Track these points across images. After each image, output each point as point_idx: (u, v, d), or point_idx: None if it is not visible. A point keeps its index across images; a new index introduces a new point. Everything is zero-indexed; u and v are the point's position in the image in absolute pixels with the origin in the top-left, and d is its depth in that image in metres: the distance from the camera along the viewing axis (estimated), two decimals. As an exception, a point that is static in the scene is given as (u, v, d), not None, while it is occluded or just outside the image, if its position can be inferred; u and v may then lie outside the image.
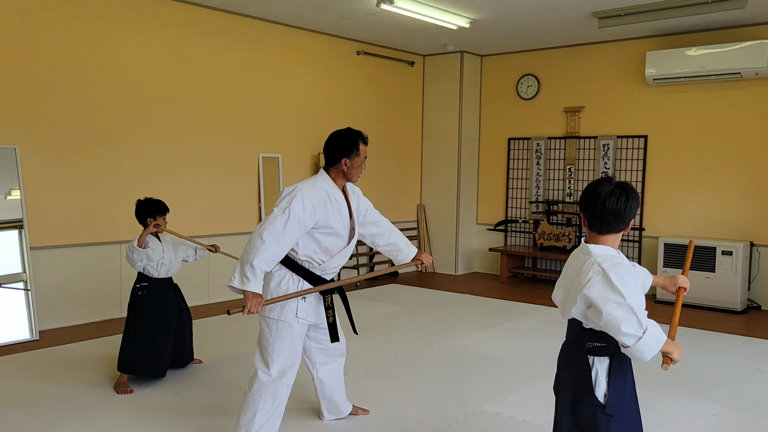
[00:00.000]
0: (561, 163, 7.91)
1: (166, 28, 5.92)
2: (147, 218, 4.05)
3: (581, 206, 2.21)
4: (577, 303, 2.09)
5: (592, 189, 2.15)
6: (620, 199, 2.10)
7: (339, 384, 3.36)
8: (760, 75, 6.31)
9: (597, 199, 2.12)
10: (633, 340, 1.98)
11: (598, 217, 2.13)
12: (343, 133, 3.02)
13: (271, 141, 6.88)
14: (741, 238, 6.61)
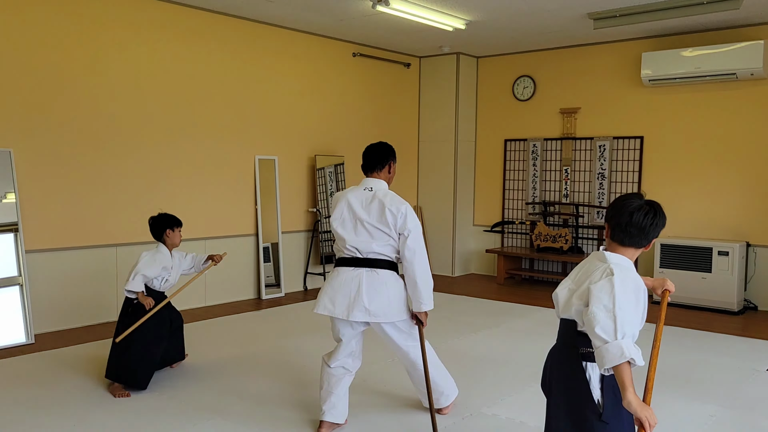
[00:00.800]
0: (557, 164, 7.91)
1: (161, 32, 5.91)
2: (166, 230, 4.10)
3: (607, 216, 2.26)
4: (577, 302, 2.11)
5: (622, 201, 2.22)
6: (647, 215, 2.18)
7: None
8: (756, 76, 6.33)
9: (624, 211, 2.18)
10: (600, 342, 2.00)
11: (622, 228, 2.19)
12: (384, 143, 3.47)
13: (267, 143, 6.87)
14: (737, 239, 6.62)
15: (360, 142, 7.88)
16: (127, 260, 5.77)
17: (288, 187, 7.09)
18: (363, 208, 3.22)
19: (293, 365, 4.48)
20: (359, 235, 3.21)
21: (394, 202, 3.20)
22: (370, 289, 3.19)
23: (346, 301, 3.20)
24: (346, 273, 3.24)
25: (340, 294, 3.22)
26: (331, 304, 3.23)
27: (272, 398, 3.83)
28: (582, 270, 2.24)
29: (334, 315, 3.24)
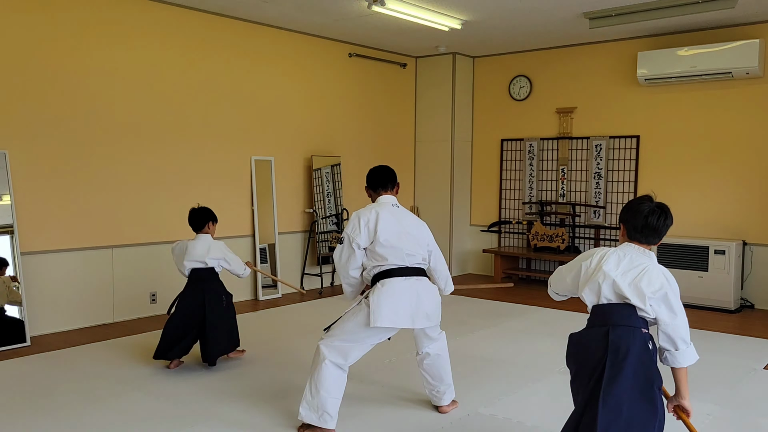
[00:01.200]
0: (554, 163, 7.92)
1: (155, 33, 5.90)
2: (209, 222, 4.51)
3: (622, 218, 2.57)
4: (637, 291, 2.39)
5: (637, 205, 2.52)
6: (660, 218, 2.49)
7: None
8: (751, 75, 6.34)
9: (639, 215, 2.49)
10: (683, 346, 2.44)
11: (639, 230, 2.50)
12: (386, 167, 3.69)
13: (263, 144, 6.86)
14: (734, 237, 6.63)
15: (356, 142, 7.89)
16: (123, 262, 5.76)
17: (284, 188, 7.08)
18: (404, 222, 3.42)
19: (290, 366, 4.47)
20: (408, 247, 3.38)
21: (410, 218, 3.52)
22: (427, 297, 3.39)
23: (410, 311, 3.31)
24: (400, 283, 3.33)
25: (402, 304, 3.29)
26: (395, 315, 3.27)
27: (269, 400, 3.82)
28: (628, 261, 2.48)
29: (399, 326, 3.31)
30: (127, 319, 5.81)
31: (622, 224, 2.57)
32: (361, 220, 3.36)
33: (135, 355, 4.68)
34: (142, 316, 5.91)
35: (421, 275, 3.44)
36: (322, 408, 3.26)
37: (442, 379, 3.61)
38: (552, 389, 4.05)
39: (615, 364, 2.39)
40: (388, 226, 3.35)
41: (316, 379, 3.27)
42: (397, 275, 3.33)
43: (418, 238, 3.44)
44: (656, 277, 2.42)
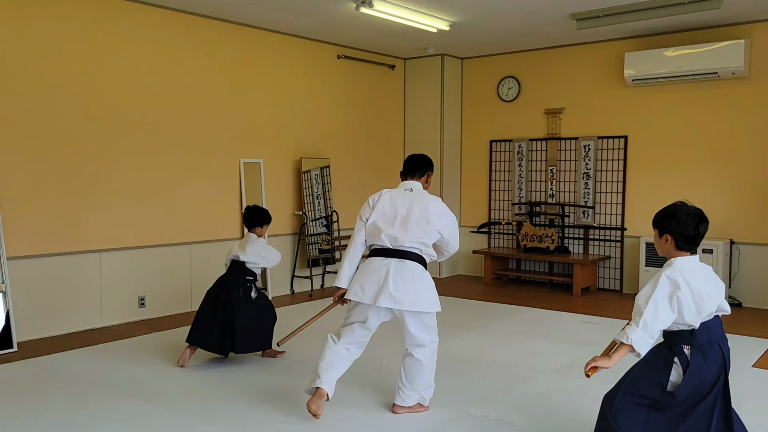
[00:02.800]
0: (543, 164, 7.94)
1: (143, 35, 5.86)
2: (264, 224, 4.73)
3: (667, 230, 2.65)
4: None
5: (684, 217, 2.59)
6: (706, 224, 2.60)
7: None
8: (737, 75, 6.39)
9: (690, 226, 2.58)
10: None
11: (691, 240, 2.60)
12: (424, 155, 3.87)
13: (251, 146, 6.84)
14: (721, 237, 6.67)
15: (345, 144, 7.89)
16: (111, 266, 5.71)
17: (274, 190, 7.06)
18: (404, 205, 3.52)
19: (280, 369, 4.45)
20: (395, 229, 3.47)
21: (440, 207, 3.57)
22: (397, 277, 3.41)
23: (375, 288, 3.41)
24: (376, 262, 3.49)
25: (369, 281, 3.44)
26: (360, 290, 3.44)
27: (259, 403, 3.80)
28: (707, 274, 2.68)
29: (363, 301, 3.43)
30: (115, 323, 5.77)
31: (667, 235, 2.62)
32: (369, 200, 3.64)
33: (124, 360, 4.65)
34: (130, 321, 5.87)
35: (408, 258, 3.47)
36: (314, 372, 3.50)
37: (413, 382, 3.58)
38: (542, 389, 4.05)
39: (726, 373, 2.56)
40: (383, 209, 3.53)
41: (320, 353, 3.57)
42: (377, 255, 3.50)
43: (420, 223, 3.47)
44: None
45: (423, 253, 3.54)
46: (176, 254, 6.21)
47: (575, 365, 4.55)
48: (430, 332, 3.58)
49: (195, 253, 6.34)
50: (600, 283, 7.59)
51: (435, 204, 3.56)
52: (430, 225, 3.48)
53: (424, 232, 3.48)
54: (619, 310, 6.43)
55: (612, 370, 2.64)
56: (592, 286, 7.51)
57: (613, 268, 7.49)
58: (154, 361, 4.62)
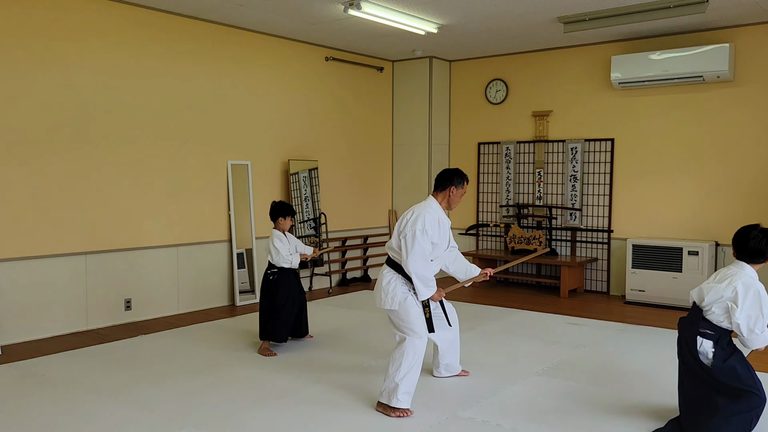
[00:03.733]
0: (530, 166, 7.97)
1: (130, 36, 5.83)
2: (278, 218, 5.01)
3: (733, 243, 3.27)
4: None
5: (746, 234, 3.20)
6: (762, 241, 3.15)
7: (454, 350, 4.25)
8: (722, 78, 6.45)
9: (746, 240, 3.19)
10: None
11: (747, 253, 3.19)
12: (454, 170, 3.93)
13: (239, 148, 6.81)
14: (706, 239, 6.73)
15: (334, 146, 7.88)
16: (97, 268, 5.67)
17: (262, 193, 7.04)
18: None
19: (267, 372, 4.43)
20: (390, 241, 3.82)
21: (411, 209, 3.78)
22: (378, 280, 3.85)
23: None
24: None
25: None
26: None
27: (249, 408, 3.78)
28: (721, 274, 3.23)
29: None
30: (101, 326, 5.72)
31: (732, 247, 3.27)
32: None
33: (110, 364, 4.61)
34: (116, 324, 5.82)
35: (389, 265, 3.81)
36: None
37: (388, 373, 3.69)
38: (530, 391, 4.06)
39: None
40: None
41: None
42: None
43: (398, 230, 3.76)
44: None
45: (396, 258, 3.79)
46: (163, 256, 6.17)
47: (563, 367, 4.56)
48: (400, 327, 3.78)
49: (182, 255, 6.30)
50: (587, 285, 7.63)
51: (412, 211, 3.77)
52: (397, 230, 3.77)
53: (396, 240, 3.76)
54: (606, 312, 6.47)
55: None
56: (580, 288, 7.54)
57: (600, 270, 7.53)
58: (140, 365, 4.58)
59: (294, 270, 5.07)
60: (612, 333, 5.57)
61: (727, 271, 3.21)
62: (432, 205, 3.82)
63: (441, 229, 3.82)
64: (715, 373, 3.13)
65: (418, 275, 3.66)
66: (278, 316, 4.88)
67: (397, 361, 3.66)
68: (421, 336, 3.71)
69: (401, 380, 3.61)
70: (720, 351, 3.15)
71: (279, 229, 5.01)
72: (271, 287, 4.96)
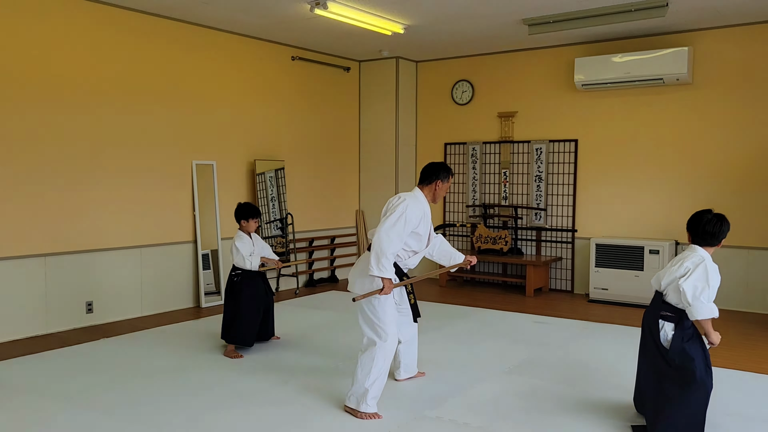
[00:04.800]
0: (496, 167, 8.05)
1: (93, 33, 5.70)
2: (241, 220, 4.95)
3: (687, 227, 3.41)
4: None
5: (699, 216, 3.35)
6: (716, 224, 3.30)
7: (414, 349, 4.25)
8: (681, 81, 6.60)
9: (699, 223, 3.33)
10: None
11: (699, 235, 3.33)
12: (440, 163, 3.97)
13: (204, 148, 6.73)
14: (666, 237, 6.88)
15: (300, 146, 7.83)
16: (56, 271, 5.53)
17: (227, 193, 6.96)
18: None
19: (233, 374, 4.38)
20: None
21: (398, 195, 3.83)
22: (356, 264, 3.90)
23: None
24: None
25: None
26: None
27: (212, 409, 3.73)
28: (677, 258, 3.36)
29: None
30: (61, 330, 5.59)
31: (687, 231, 3.43)
32: None
33: (70, 368, 4.50)
34: (77, 327, 5.70)
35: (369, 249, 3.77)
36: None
37: (356, 378, 3.66)
38: (497, 389, 4.10)
39: None
40: None
41: None
42: None
43: (384, 211, 3.82)
44: None
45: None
46: (126, 258, 6.06)
47: (529, 365, 4.62)
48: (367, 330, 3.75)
49: (146, 256, 6.20)
50: (552, 284, 7.74)
51: (394, 199, 3.80)
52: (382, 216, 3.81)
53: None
54: (570, 310, 6.57)
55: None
56: (545, 287, 7.64)
57: (565, 269, 7.64)
58: (102, 369, 4.49)
59: (260, 272, 5.01)
60: (576, 331, 5.66)
61: (681, 255, 3.34)
62: (418, 197, 3.84)
63: (424, 221, 3.83)
64: (670, 354, 3.23)
65: (379, 247, 3.55)
66: (241, 320, 4.81)
67: (367, 366, 3.61)
68: (391, 339, 3.67)
69: (371, 386, 3.59)
70: (679, 332, 3.25)
71: (244, 231, 4.96)
72: (234, 289, 4.90)
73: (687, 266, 3.23)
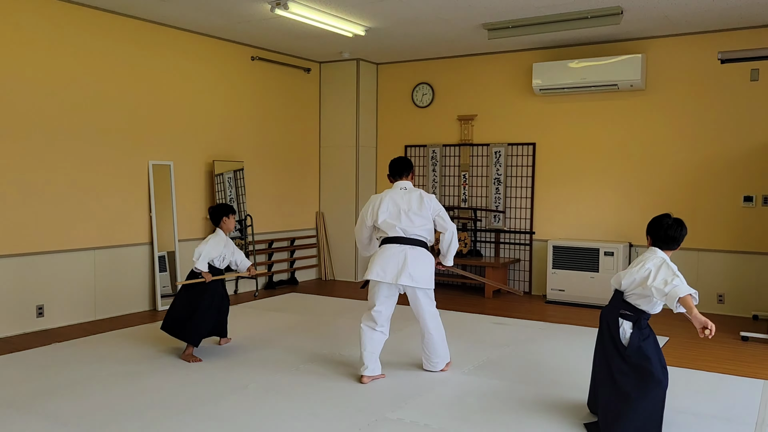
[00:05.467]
0: (456, 169, 8.12)
1: (45, 29, 5.54)
2: (222, 217, 4.90)
3: (648, 231, 3.50)
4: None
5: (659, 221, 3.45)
6: (677, 229, 3.41)
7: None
8: (635, 87, 6.78)
9: (660, 227, 3.42)
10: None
11: (660, 239, 3.43)
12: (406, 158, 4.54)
13: (161, 148, 6.60)
14: (621, 239, 7.05)
15: (260, 147, 7.76)
16: (5, 273, 5.35)
17: (185, 194, 6.84)
18: (404, 202, 4.26)
19: (189, 379, 4.31)
20: (404, 221, 4.21)
21: (428, 195, 4.30)
22: (414, 261, 4.16)
23: (396, 269, 4.14)
24: (393, 248, 4.19)
25: (390, 264, 4.15)
26: (382, 272, 4.15)
27: (169, 416, 3.66)
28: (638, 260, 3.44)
29: (384, 281, 4.14)
30: (10, 334, 5.40)
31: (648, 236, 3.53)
32: (369, 205, 4.34)
33: (20, 374, 4.35)
34: (27, 331, 5.51)
35: (417, 245, 4.22)
36: (362, 361, 4.21)
37: (439, 350, 4.37)
38: (457, 391, 4.13)
39: None
40: (388, 209, 4.25)
41: (360, 343, 4.24)
42: (392, 243, 4.22)
43: (421, 213, 4.23)
44: None
45: (427, 240, 4.28)
46: (78, 260, 5.89)
47: (488, 366, 4.66)
48: (433, 305, 4.37)
49: (99, 259, 6.04)
50: (510, 285, 7.84)
51: (426, 195, 4.29)
52: (429, 212, 4.24)
53: (426, 220, 4.23)
54: (528, 311, 6.66)
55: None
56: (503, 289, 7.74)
57: (523, 270, 7.75)
58: (53, 375, 4.35)
59: (221, 271, 4.95)
60: (534, 332, 5.75)
61: (642, 257, 3.44)
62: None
63: None
64: (628, 351, 3.32)
65: (456, 241, 4.36)
66: (199, 318, 4.71)
67: (442, 330, 4.41)
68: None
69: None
70: (637, 332, 3.34)
71: (224, 230, 4.90)
72: (199, 285, 4.79)
73: (648, 267, 3.31)
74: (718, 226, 6.56)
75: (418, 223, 4.21)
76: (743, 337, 5.55)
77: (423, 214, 4.23)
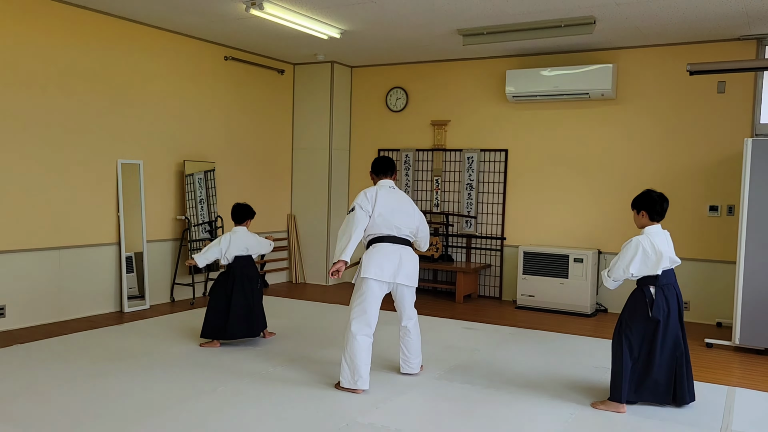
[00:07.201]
0: (428, 174, 8.14)
1: (14, 23, 5.40)
2: (247, 219, 5.36)
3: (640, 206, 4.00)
4: None
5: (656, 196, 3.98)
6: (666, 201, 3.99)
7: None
8: (606, 96, 6.88)
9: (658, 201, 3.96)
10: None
11: (659, 212, 3.94)
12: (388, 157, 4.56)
13: (131, 147, 6.48)
14: (590, 246, 7.14)
15: (232, 148, 7.68)
16: (-34, 273, 5.19)
17: (154, 194, 6.73)
18: (397, 201, 4.29)
19: (156, 381, 4.23)
20: (399, 219, 4.24)
21: (404, 196, 4.42)
22: (408, 261, 4.25)
23: (393, 269, 4.19)
24: (388, 247, 4.21)
25: (387, 263, 4.18)
26: (380, 270, 4.16)
27: (134, 420, 3.58)
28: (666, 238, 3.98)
29: (383, 279, 4.15)
30: (-31, 336, 5.25)
31: (643, 211, 3.95)
32: (367, 194, 4.24)
33: (-21, 376, 4.23)
34: (-13, 333, 5.37)
35: (407, 245, 4.29)
36: (358, 373, 4.06)
37: (415, 351, 4.44)
38: (429, 395, 4.12)
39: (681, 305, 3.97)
40: (385, 203, 4.22)
41: (350, 351, 4.08)
42: (387, 241, 4.22)
43: (411, 214, 4.32)
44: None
45: (412, 241, 4.38)
46: (43, 260, 5.75)
47: (459, 370, 4.67)
48: (413, 306, 4.45)
49: (64, 259, 5.91)
50: (481, 291, 7.88)
51: (409, 198, 4.42)
52: (414, 215, 4.34)
53: (412, 221, 4.31)
54: (498, 316, 6.70)
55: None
56: (474, 294, 7.77)
57: (493, 275, 7.80)
58: (15, 378, 4.23)
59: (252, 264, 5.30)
60: (504, 336, 5.78)
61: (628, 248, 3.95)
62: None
63: None
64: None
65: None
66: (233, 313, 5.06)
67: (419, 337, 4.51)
68: None
69: None
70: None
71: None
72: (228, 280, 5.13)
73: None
74: (684, 235, 6.69)
75: (408, 224, 4.29)
76: (708, 344, 5.66)
77: (412, 215, 4.33)
